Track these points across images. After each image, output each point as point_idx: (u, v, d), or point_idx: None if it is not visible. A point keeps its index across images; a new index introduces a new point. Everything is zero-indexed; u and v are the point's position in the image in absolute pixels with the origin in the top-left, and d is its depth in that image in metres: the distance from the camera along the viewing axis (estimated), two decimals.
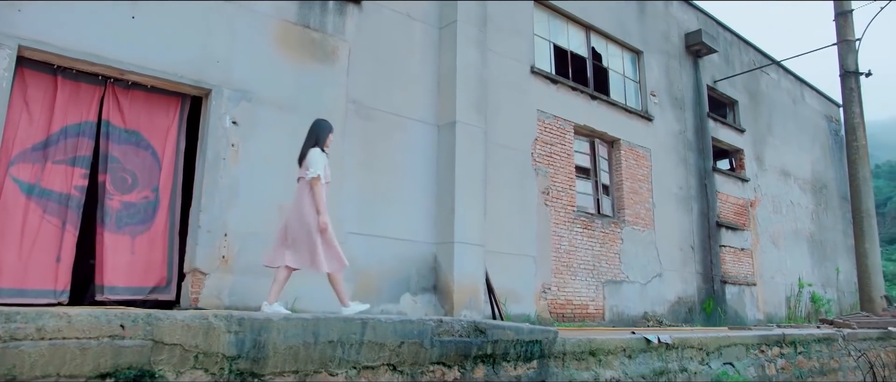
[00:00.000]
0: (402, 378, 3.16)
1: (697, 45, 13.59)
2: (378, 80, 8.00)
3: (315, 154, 5.22)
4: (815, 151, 18.35)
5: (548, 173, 9.77)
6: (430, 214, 8.12)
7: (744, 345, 5.71)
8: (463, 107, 8.32)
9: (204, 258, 6.17)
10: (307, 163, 5.19)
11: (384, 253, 7.62)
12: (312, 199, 5.09)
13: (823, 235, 17.88)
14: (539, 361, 3.80)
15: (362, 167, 7.63)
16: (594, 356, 4.14)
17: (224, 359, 2.57)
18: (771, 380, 6.01)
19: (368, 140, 7.75)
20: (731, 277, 13.55)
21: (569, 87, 10.49)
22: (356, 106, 7.69)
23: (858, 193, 11.87)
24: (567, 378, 3.93)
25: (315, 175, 5.09)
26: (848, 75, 12.48)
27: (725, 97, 15.01)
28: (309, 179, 5.10)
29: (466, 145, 8.23)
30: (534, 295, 9.15)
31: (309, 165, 5.16)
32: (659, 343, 4.64)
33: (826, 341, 7.11)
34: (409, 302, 7.75)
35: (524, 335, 3.72)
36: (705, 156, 13.49)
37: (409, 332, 3.21)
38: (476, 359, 3.49)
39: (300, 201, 5.16)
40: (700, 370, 5.09)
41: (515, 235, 9.07)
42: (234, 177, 6.52)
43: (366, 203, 7.58)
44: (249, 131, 6.72)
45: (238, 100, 6.66)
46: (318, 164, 5.13)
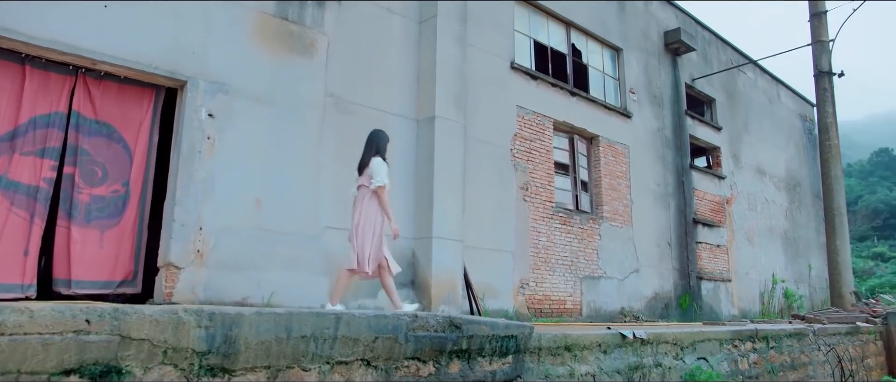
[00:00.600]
0: (376, 373, 3.14)
1: (676, 44, 13.72)
2: (357, 74, 7.94)
3: (379, 163, 5.52)
4: (789, 150, 18.64)
5: (527, 169, 9.79)
6: (408, 209, 8.09)
7: (717, 340, 5.78)
8: (442, 103, 8.29)
9: (178, 252, 6.08)
10: (371, 173, 5.47)
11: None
12: (380, 206, 5.45)
13: (797, 232, 18.19)
14: (514, 356, 3.81)
15: (340, 161, 7.55)
16: (570, 351, 4.16)
17: (194, 354, 2.53)
18: (743, 374, 6.09)
19: (347, 134, 7.68)
20: (706, 273, 13.72)
21: (549, 83, 10.52)
22: (334, 100, 7.63)
23: (830, 191, 12.08)
24: (542, 374, 3.94)
25: (382, 184, 5.43)
26: (821, 75, 12.68)
27: (703, 95, 15.17)
28: (374, 188, 5.41)
29: (445, 140, 8.21)
30: (512, 291, 9.17)
31: (373, 175, 5.45)
32: (634, 338, 4.68)
33: (797, 336, 7.23)
34: (386, 297, 7.71)
35: (500, 330, 3.72)
36: (683, 153, 13.63)
37: (383, 327, 3.19)
38: (451, 354, 3.48)
39: (364, 207, 5.46)
40: (674, 364, 5.14)
41: (494, 231, 9.08)
42: (210, 171, 6.43)
43: (342, 196, 7.48)
44: (226, 124, 6.62)
45: (214, 92, 6.56)
46: (384, 174, 5.46)
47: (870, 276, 35.14)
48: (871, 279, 33.79)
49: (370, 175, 5.47)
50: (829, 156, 12.30)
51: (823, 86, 12.63)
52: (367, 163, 5.57)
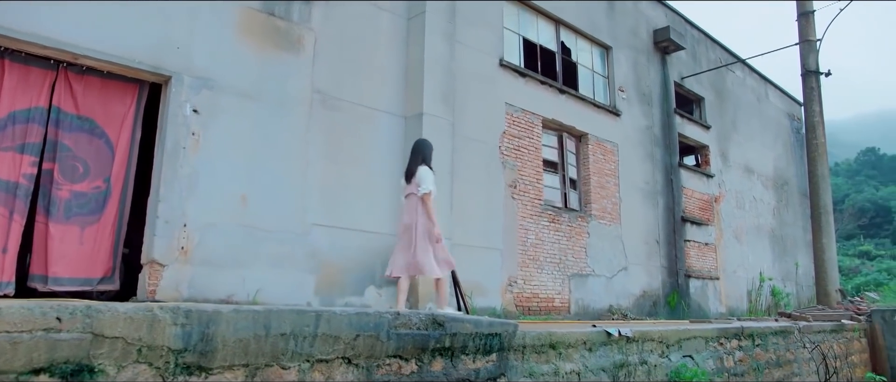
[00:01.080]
0: (357, 371, 3.10)
1: (665, 42, 13.74)
2: (345, 71, 7.89)
3: (426, 172, 5.78)
4: (777, 148, 18.75)
5: (515, 166, 9.78)
6: (396, 206, 8.04)
7: (703, 338, 5.79)
8: (430, 99, 8.26)
9: (162, 249, 6.02)
10: (419, 180, 5.72)
11: (349, 244, 7.54)
12: (425, 212, 5.67)
13: (784, 231, 18.31)
14: (498, 354, 3.78)
15: (327, 158, 7.52)
16: (554, 349, 4.14)
17: (170, 353, 2.48)
18: (729, 372, 6.11)
19: (334, 131, 7.64)
20: (695, 271, 13.77)
21: (538, 81, 10.51)
22: (321, 96, 7.58)
23: (817, 190, 12.15)
24: (527, 372, 3.92)
25: (428, 191, 5.68)
26: (809, 74, 12.75)
27: (692, 94, 15.22)
28: (421, 195, 5.67)
29: (433, 137, 8.13)
30: (500, 289, 9.16)
31: (420, 182, 5.71)
32: (619, 336, 4.67)
33: (782, 333, 7.26)
34: (373, 294, 7.70)
35: (483, 328, 3.70)
36: (671, 151, 13.66)
37: (364, 325, 3.15)
38: (434, 352, 3.45)
39: (412, 214, 5.75)
40: (660, 362, 5.14)
41: (482, 228, 9.06)
42: (195, 167, 6.37)
43: (330, 194, 7.48)
44: (211, 120, 6.56)
45: (199, 88, 6.49)
46: (430, 181, 5.72)
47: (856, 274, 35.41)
48: (858, 277, 34.05)
49: (417, 183, 5.72)
50: (816, 155, 12.38)
51: (810, 85, 12.70)
52: (415, 171, 5.81)
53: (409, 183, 5.85)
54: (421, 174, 5.75)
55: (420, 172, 5.76)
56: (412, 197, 5.78)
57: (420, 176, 5.74)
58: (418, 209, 5.70)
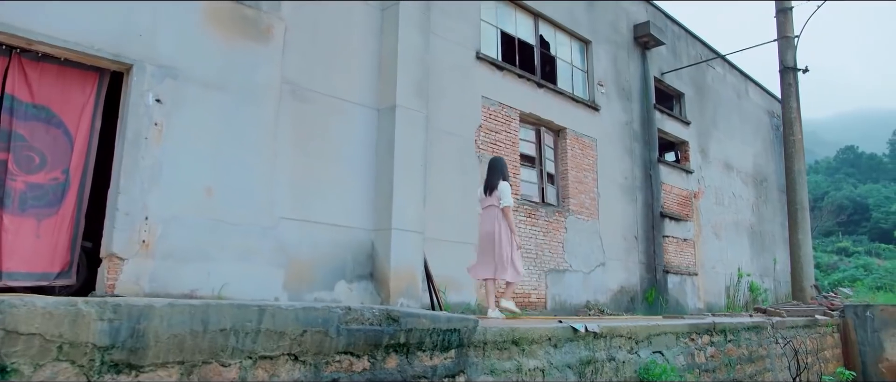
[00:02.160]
0: (304, 368, 2.98)
1: (645, 37, 13.71)
2: (316, 61, 7.72)
3: (507, 187, 6.66)
4: (756, 145, 18.84)
5: None
6: (368, 200, 7.92)
7: (674, 334, 5.73)
8: (404, 91, 8.12)
9: (121, 242, 5.83)
10: (500, 194, 6.59)
11: (319, 239, 7.39)
12: (507, 223, 6.54)
13: (763, 227, 18.42)
14: (457, 350, 3.68)
15: (297, 150, 7.36)
16: (517, 345, 4.04)
17: (95, 350, 2.35)
18: (700, 368, 6.06)
19: (304, 122, 7.48)
20: (673, 267, 13.79)
21: (515, 75, 10.41)
22: (291, 87, 7.41)
23: (794, 186, 12.19)
24: (488, 368, 3.82)
25: (509, 204, 6.56)
26: (787, 71, 12.77)
27: (672, 89, 15.22)
28: (503, 207, 6.54)
29: (406, 130, 8.05)
30: (475, 284, 9.06)
31: (502, 196, 6.58)
32: (586, 332, 4.59)
33: (755, 329, 7.24)
34: (344, 289, 7.56)
35: (441, 323, 3.59)
36: (651, 147, 13.65)
37: (312, 320, 3.03)
38: (388, 348, 3.34)
39: (491, 223, 6.62)
40: (629, 358, 5.06)
41: (457, 222, 8.96)
42: (157, 158, 6.18)
43: (300, 187, 7.33)
44: (175, 110, 6.37)
45: (162, 77, 6.30)
46: (509, 195, 6.61)
47: (834, 270, 35.80)
48: (836, 273, 34.42)
49: (498, 196, 6.57)
50: (793, 151, 12.41)
51: (788, 81, 12.72)
52: (495, 186, 6.67)
53: (489, 196, 6.73)
54: (502, 189, 6.63)
55: (502, 187, 6.64)
56: (492, 208, 6.64)
57: (502, 190, 6.62)
58: (499, 219, 6.56)
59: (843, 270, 35.57)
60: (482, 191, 6.91)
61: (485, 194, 6.81)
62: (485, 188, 6.85)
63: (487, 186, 6.81)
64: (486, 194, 6.78)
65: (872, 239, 42.89)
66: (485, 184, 6.87)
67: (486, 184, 6.84)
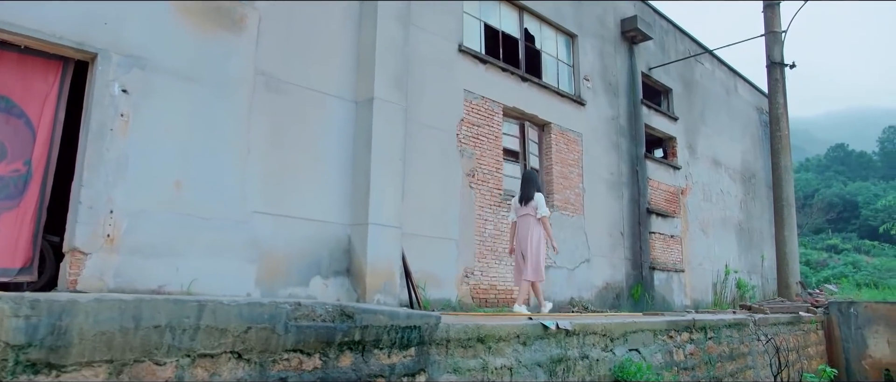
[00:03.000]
0: (249, 367, 2.83)
1: (633, 32, 13.59)
2: (291, 52, 7.55)
3: (542, 198, 7.48)
4: (745, 141, 18.77)
5: (474, 155, 9.54)
6: (345, 194, 7.76)
7: (651, 331, 5.61)
8: (382, 84, 7.96)
9: (85, 237, 5.66)
10: (536, 205, 7.36)
11: (293, 234, 7.23)
12: (544, 231, 7.38)
13: (751, 223, 18.37)
14: (418, 348, 3.53)
15: (271, 143, 7.20)
16: (483, 343, 3.91)
17: (8, 348, 2.19)
18: (679, 366, 5.94)
19: (279, 114, 7.31)
20: (659, 264, 13.70)
21: (499, 68, 10.26)
22: (266, 78, 7.24)
23: (780, 182, 12.11)
24: (451, 367, 3.68)
25: (547, 214, 7.39)
26: (773, 66, 12.68)
27: (660, 84, 15.12)
28: (540, 217, 7.35)
29: (384, 123, 7.90)
30: (455, 280, 8.93)
31: (538, 206, 7.36)
32: (557, 329, 4.45)
33: (737, 326, 7.13)
34: (319, 285, 7.41)
35: (400, 320, 3.45)
36: (638, 142, 13.54)
37: (258, 316, 2.88)
38: (342, 346, 3.19)
39: (529, 230, 7.36)
40: (603, 357, 4.94)
41: (437, 218, 8.82)
42: (123, 150, 6.00)
43: (274, 181, 7.16)
44: (143, 101, 6.19)
45: (129, 66, 6.12)
46: (545, 205, 7.41)
47: (823, 267, 35.88)
48: (825, 270, 34.51)
49: (535, 206, 7.33)
50: (779, 147, 12.33)
51: (775, 76, 12.64)
52: (531, 197, 7.41)
53: (524, 205, 7.45)
54: (538, 200, 7.38)
55: (538, 198, 7.40)
56: (528, 217, 7.37)
57: (538, 201, 7.38)
58: (534, 226, 7.30)
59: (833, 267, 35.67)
60: (517, 201, 7.60)
61: (520, 204, 7.51)
62: (520, 198, 7.56)
63: (523, 197, 7.52)
64: (522, 204, 7.48)
65: (861, 236, 43.03)
66: (520, 195, 7.59)
67: (522, 194, 7.55)
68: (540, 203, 7.35)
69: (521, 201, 7.51)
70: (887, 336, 8.91)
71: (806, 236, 45.28)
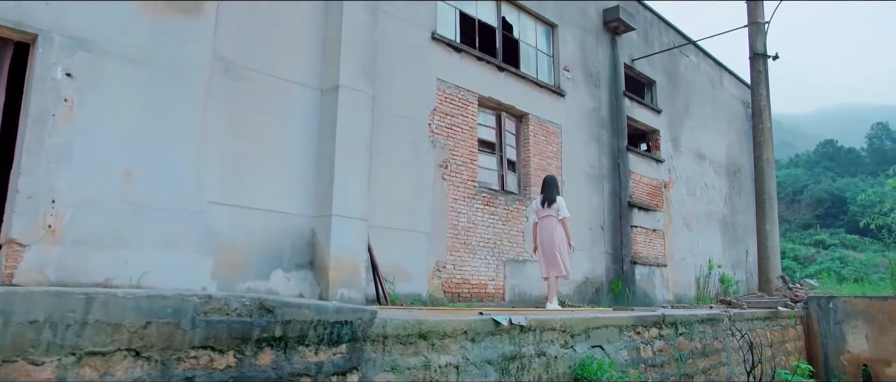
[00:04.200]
0: (148, 366, 2.58)
1: (615, 22, 13.36)
2: (253, 38, 7.27)
3: (562, 201, 8.04)
4: (730, 135, 18.61)
5: (447, 146, 9.29)
6: (309, 185, 7.50)
7: (616, 327, 5.39)
8: (347, 71, 7.69)
9: (22, 227, 5.37)
10: (558, 207, 7.92)
11: (253, 225, 6.96)
12: (565, 231, 7.94)
13: (736, 218, 18.22)
14: (349, 345, 3.29)
15: (230, 131, 6.92)
16: (426, 339, 3.67)
17: None
18: (646, 363, 5.73)
19: (238, 102, 7.03)
20: (641, 258, 13.51)
21: (474, 57, 10.01)
22: (224, 64, 6.95)
23: (762, 175, 11.93)
24: (388, 365, 3.44)
25: (566, 216, 7.96)
26: (756, 57, 12.50)
27: (643, 77, 14.90)
28: (562, 218, 7.92)
29: (350, 111, 7.63)
30: (426, 274, 8.70)
31: (560, 209, 7.92)
32: (511, 325, 4.22)
33: (710, 321, 6.93)
34: (280, 279, 7.15)
35: (329, 315, 3.20)
36: (620, 134, 13.33)
37: (159, 310, 2.62)
38: (260, 342, 2.94)
39: (551, 230, 7.91)
40: (562, 354, 4.71)
41: (408, 210, 8.57)
42: (67, 137, 5.71)
43: (233, 170, 6.89)
44: (89, 85, 5.90)
45: (74, 49, 5.82)
46: (565, 208, 7.97)
47: (811, 263, 35.95)
48: (813, 265, 34.56)
49: (557, 208, 7.89)
50: (762, 140, 12.15)
51: (758, 68, 12.45)
52: (553, 199, 7.96)
53: (546, 208, 7.97)
54: (561, 203, 7.95)
55: (560, 201, 7.97)
56: (550, 218, 7.91)
57: (560, 204, 7.94)
58: (556, 227, 7.86)
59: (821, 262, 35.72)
60: (538, 203, 8.13)
61: (542, 206, 8.03)
62: (542, 201, 8.07)
63: (545, 199, 8.04)
64: (544, 206, 8.01)
65: (849, 231, 43.11)
66: (542, 198, 8.10)
67: (544, 197, 8.06)
68: (561, 206, 7.89)
69: (543, 204, 8.03)
70: (866, 331, 8.74)
71: (794, 232, 45.38)
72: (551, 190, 8.07)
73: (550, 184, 8.15)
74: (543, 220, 7.98)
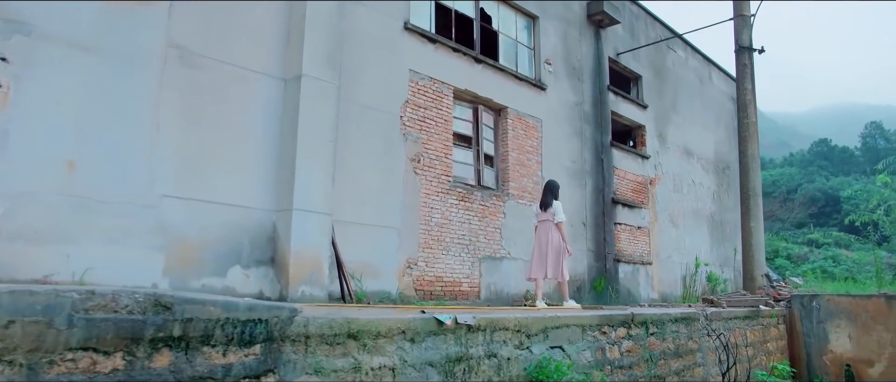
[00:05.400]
0: (10, 370, 2.29)
1: (599, 15, 13.10)
2: (211, 25, 6.97)
3: (559, 205, 8.18)
4: (719, 132, 18.37)
5: (419, 139, 9.01)
6: (270, 178, 7.22)
7: (579, 326, 5.12)
8: (312, 60, 7.41)
9: None
10: (554, 212, 8.07)
11: (210, 219, 6.68)
12: (560, 235, 8.06)
13: (724, 215, 17.99)
14: (264, 345, 3.01)
15: (185, 121, 6.63)
16: (356, 339, 3.39)
17: None
18: (613, 364, 5.46)
19: (195, 91, 6.74)
20: (625, 256, 13.26)
21: (450, 48, 9.72)
22: (180, 52, 6.66)
23: (747, 171, 11.68)
24: (313, 367, 3.17)
25: (563, 220, 8.12)
26: (742, 50, 12.24)
27: (629, 71, 14.64)
28: (557, 222, 8.05)
29: (314, 102, 7.34)
30: (397, 271, 8.42)
31: (555, 213, 8.07)
32: (456, 324, 3.94)
33: (685, 321, 6.67)
34: (239, 275, 6.87)
35: (239, 313, 2.92)
36: (603, 129, 13.07)
37: (26, 308, 2.34)
38: (156, 343, 2.66)
39: (548, 233, 8.07)
40: (517, 355, 4.44)
41: (377, 205, 8.29)
42: (3, 125, 5.42)
43: (188, 163, 6.60)
44: (27, 71, 5.60)
45: (9, 33, 5.52)
46: (562, 212, 8.14)
47: (804, 261, 35.74)
48: (805, 264, 34.34)
49: (553, 212, 8.06)
50: (747, 135, 11.89)
51: (743, 61, 12.19)
52: (549, 204, 8.15)
53: (544, 212, 8.16)
54: (556, 207, 8.10)
55: (555, 205, 8.12)
56: (547, 222, 8.09)
57: (555, 208, 8.10)
58: (552, 231, 8.03)
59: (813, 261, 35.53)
60: (538, 207, 8.35)
61: (541, 210, 8.23)
62: (541, 205, 8.28)
63: (543, 204, 8.25)
64: (542, 210, 8.20)
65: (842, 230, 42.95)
66: (541, 202, 8.31)
67: (542, 202, 8.28)
68: (557, 210, 8.07)
69: (541, 207, 8.23)
70: (849, 330, 8.49)
71: (788, 230, 45.15)
72: (548, 194, 8.29)
73: (548, 189, 8.38)
74: (542, 224, 8.19)
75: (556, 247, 8.02)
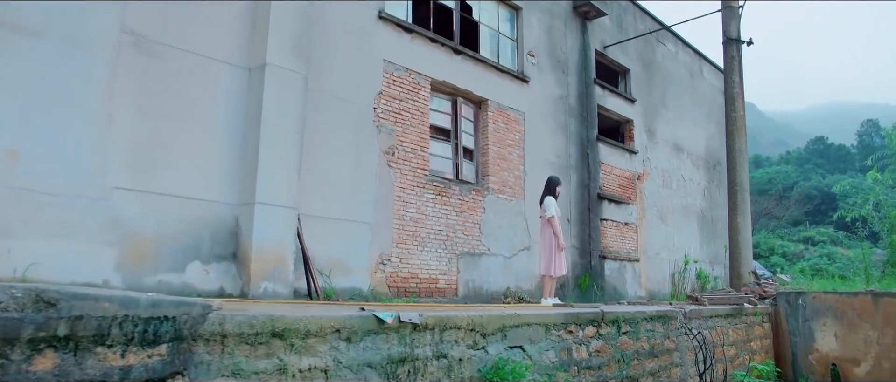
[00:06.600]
0: None
1: (585, 7, 12.83)
2: (169, 11, 6.69)
3: (551, 200, 8.15)
4: (710, 127, 18.10)
5: (394, 132, 8.74)
6: (233, 171, 6.94)
7: (542, 325, 4.86)
8: (276, 49, 7.13)
9: None
10: (545, 208, 8.10)
11: (167, 213, 6.40)
12: (553, 230, 7.97)
13: (714, 212, 17.73)
14: (172, 345, 2.75)
15: (141, 111, 6.35)
16: (282, 339, 3.13)
17: None
18: (579, 365, 5.20)
19: (151, 80, 6.46)
20: (611, 252, 13.00)
21: (427, 39, 9.44)
22: (135, 38, 6.38)
23: (734, 165, 11.42)
24: (230, 369, 2.90)
25: (552, 215, 8.00)
26: (730, 42, 11.97)
27: (616, 64, 14.37)
28: (548, 218, 8.02)
29: (279, 92, 7.07)
30: (369, 268, 8.15)
31: (546, 209, 8.08)
32: (400, 322, 3.68)
33: (661, 319, 6.41)
34: (199, 271, 6.60)
35: (140, 309, 2.65)
36: (589, 124, 12.80)
37: None
38: (36, 343, 2.39)
39: (544, 229, 8.15)
40: (470, 355, 4.17)
41: (348, 199, 8.02)
42: None
43: (143, 154, 6.32)
44: None
45: None
46: (553, 208, 8.07)
47: (799, 259, 35.57)
48: (801, 261, 34.16)
49: (545, 208, 8.08)
50: (734, 129, 11.64)
51: (731, 53, 11.93)
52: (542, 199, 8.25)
53: (541, 208, 8.22)
54: (547, 203, 8.12)
55: (547, 201, 8.14)
56: (543, 218, 8.13)
57: (547, 204, 8.12)
58: (545, 226, 8.10)
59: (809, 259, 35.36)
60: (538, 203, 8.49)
61: (540, 206, 8.30)
62: (540, 201, 8.38)
63: (540, 199, 8.36)
64: (541, 206, 8.27)
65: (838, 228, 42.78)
66: (541, 198, 8.37)
67: (541, 198, 8.36)
68: (548, 206, 8.07)
69: (540, 203, 8.30)
70: (835, 328, 8.23)
71: (784, 228, 44.95)
72: (544, 190, 8.38)
73: (546, 184, 8.45)
74: (541, 220, 8.31)
75: (547, 242, 8.04)
